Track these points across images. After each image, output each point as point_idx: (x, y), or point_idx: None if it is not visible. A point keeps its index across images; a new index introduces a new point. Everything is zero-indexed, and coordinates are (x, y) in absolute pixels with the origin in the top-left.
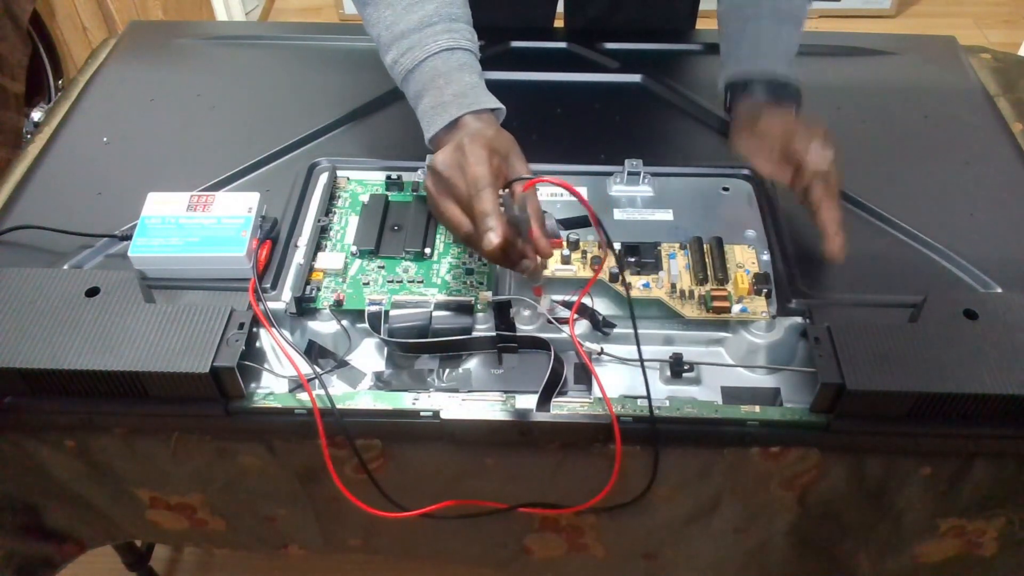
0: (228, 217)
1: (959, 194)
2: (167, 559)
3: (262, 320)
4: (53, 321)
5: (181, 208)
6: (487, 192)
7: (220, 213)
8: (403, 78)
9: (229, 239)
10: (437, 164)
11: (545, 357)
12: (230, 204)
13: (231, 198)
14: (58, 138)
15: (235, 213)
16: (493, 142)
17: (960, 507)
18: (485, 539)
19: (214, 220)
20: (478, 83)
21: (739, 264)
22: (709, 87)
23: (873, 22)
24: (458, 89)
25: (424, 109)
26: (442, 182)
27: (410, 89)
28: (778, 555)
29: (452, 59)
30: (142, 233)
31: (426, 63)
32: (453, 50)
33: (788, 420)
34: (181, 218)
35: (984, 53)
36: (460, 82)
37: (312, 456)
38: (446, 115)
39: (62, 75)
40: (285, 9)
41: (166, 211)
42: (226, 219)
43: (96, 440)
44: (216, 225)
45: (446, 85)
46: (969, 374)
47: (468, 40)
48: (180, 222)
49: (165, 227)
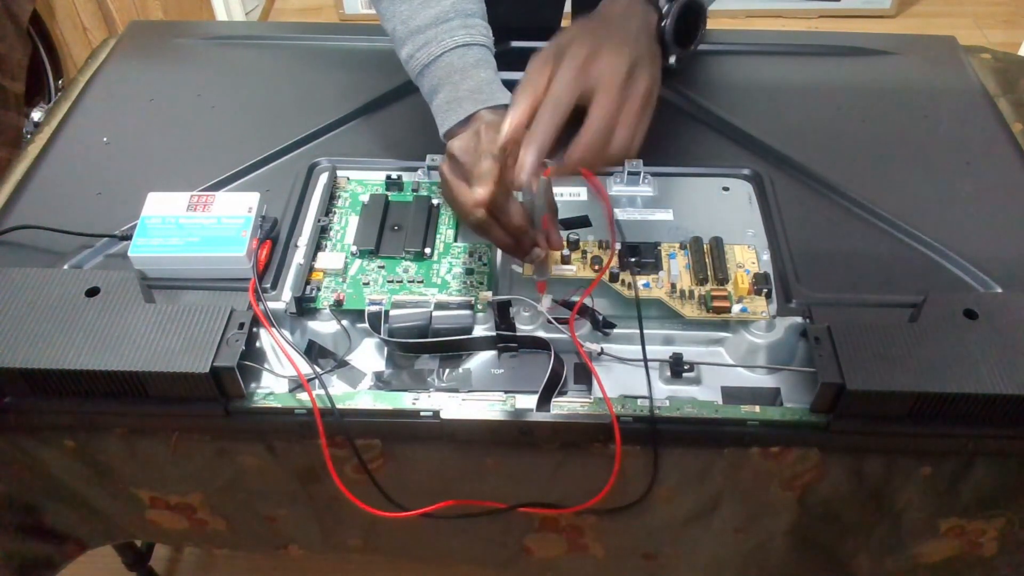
0: (228, 217)
1: (959, 194)
2: (167, 559)
3: (262, 320)
4: (53, 321)
5: (181, 208)
6: (489, 160)
7: (220, 213)
8: (418, 73)
9: (229, 239)
10: (454, 148)
11: (545, 357)
12: (230, 204)
13: (231, 198)
14: (58, 138)
15: (235, 213)
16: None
17: (960, 507)
18: (485, 539)
19: (214, 220)
20: (494, 79)
21: (739, 264)
22: (710, 87)
23: (873, 22)
24: (474, 85)
25: (439, 104)
26: (457, 166)
27: (425, 84)
28: (778, 555)
29: (468, 55)
30: (142, 233)
31: (442, 59)
32: (469, 46)
33: (788, 420)
34: (181, 218)
35: (984, 53)
36: (476, 78)
37: (312, 456)
38: (461, 110)
39: (62, 75)
40: (285, 9)
41: (166, 211)
42: (226, 219)
43: (96, 440)
44: (216, 225)
45: (461, 81)
46: (969, 374)
47: (484, 36)
48: (180, 222)
49: (165, 227)
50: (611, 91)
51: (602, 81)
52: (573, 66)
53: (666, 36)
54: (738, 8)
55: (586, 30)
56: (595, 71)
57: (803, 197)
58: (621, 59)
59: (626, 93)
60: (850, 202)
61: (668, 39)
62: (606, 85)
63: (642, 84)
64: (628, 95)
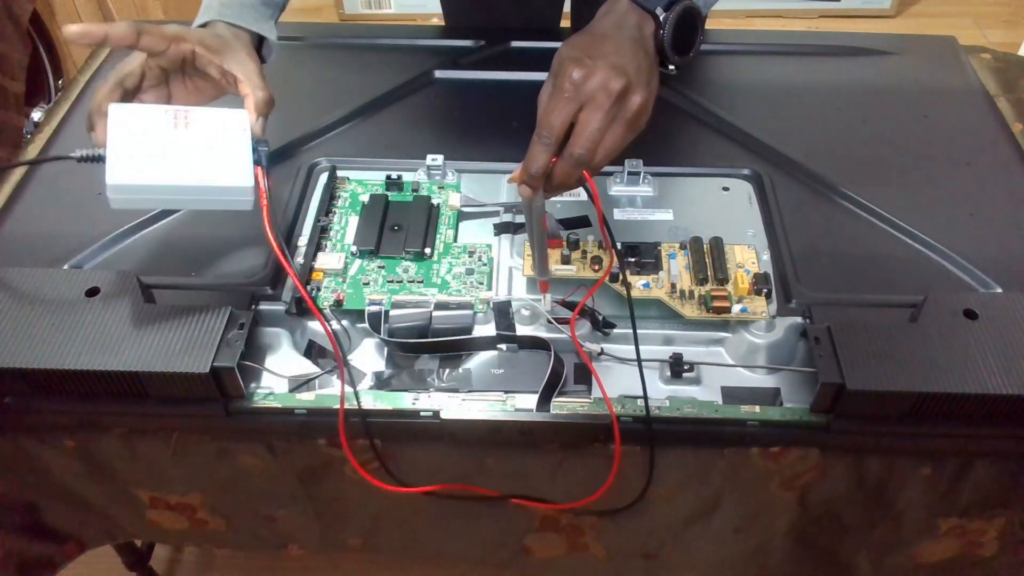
0: (221, 136)
1: (959, 194)
2: (167, 559)
3: (289, 272)
4: (53, 321)
5: (162, 124)
6: None
7: (209, 132)
8: None
9: (228, 164)
10: None
11: (545, 357)
12: (217, 122)
13: (216, 115)
14: (58, 138)
15: (229, 133)
16: None
17: (960, 507)
18: (485, 539)
19: (206, 139)
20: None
21: (739, 264)
22: (710, 87)
23: (873, 22)
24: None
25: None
26: None
27: None
28: (778, 555)
29: None
30: (117, 155)
31: None
32: None
33: (788, 420)
34: (165, 135)
35: (984, 53)
36: None
37: (312, 456)
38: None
39: (62, 75)
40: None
41: (142, 126)
42: (220, 138)
43: (96, 440)
44: (211, 143)
45: None
46: (969, 374)
47: None
48: (164, 141)
49: (146, 145)
50: (600, 111)
51: (594, 100)
52: (561, 94)
53: (665, 45)
54: (738, 8)
55: (577, 48)
56: (586, 90)
57: (803, 197)
58: (613, 78)
59: (615, 111)
60: (850, 202)
61: (667, 48)
62: (597, 104)
63: (634, 103)
64: (616, 114)
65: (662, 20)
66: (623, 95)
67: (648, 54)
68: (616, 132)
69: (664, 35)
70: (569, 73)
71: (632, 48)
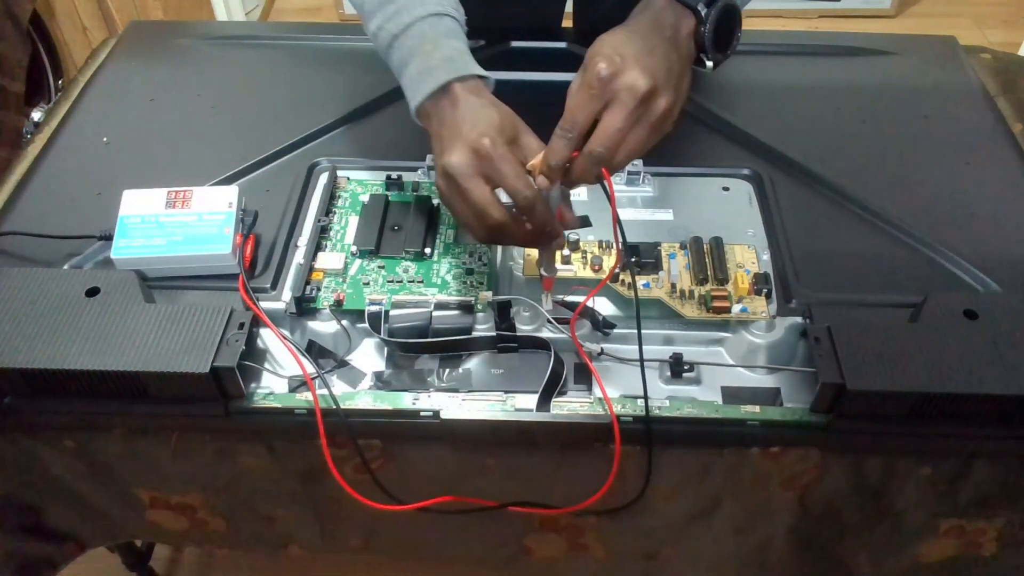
0: (209, 213)
1: (959, 194)
2: (167, 559)
3: (261, 317)
4: (53, 321)
5: (159, 205)
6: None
7: (200, 209)
8: (388, 44)
9: (212, 236)
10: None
11: (545, 357)
12: (210, 199)
13: (210, 193)
14: (58, 138)
15: (215, 208)
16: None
17: (960, 507)
18: (485, 539)
19: (195, 217)
20: (465, 50)
21: (739, 264)
22: (710, 87)
23: (873, 22)
24: (447, 54)
25: (411, 76)
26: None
27: (395, 56)
28: (778, 555)
29: (440, 25)
30: (123, 234)
31: (413, 27)
32: (441, 16)
33: (788, 420)
34: (161, 216)
35: (984, 53)
36: (448, 47)
37: (312, 456)
38: (432, 80)
39: (62, 75)
40: (285, 9)
41: (145, 209)
42: (207, 215)
43: (96, 440)
44: (198, 222)
45: (434, 50)
46: (969, 374)
47: (455, 9)
48: (161, 220)
49: (145, 226)
50: (623, 111)
51: (619, 99)
52: (588, 90)
53: (706, 42)
54: None
55: (609, 45)
56: (613, 88)
57: (803, 197)
58: (640, 79)
59: (639, 112)
60: (850, 202)
61: (708, 45)
62: (622, 103)
63: (659, 106)
64: (641, 116)
65: (704, 16)
66: (649, 97)
67: (681, 55)
68: (639, 133)
69: (706, 32)
70: (598, 69)
71: (665, 49)
